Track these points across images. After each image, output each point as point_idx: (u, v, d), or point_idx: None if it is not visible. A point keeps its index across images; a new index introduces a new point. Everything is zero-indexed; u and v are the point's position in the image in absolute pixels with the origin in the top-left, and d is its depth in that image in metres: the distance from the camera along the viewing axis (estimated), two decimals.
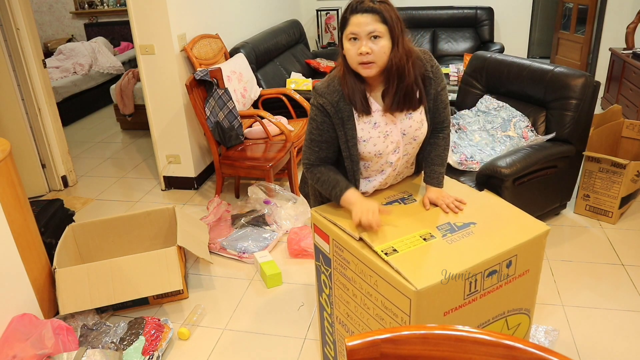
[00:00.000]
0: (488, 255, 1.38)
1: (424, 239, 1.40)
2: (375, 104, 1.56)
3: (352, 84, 1.50)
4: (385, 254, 1.32)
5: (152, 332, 2.19)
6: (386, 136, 1.56)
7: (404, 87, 1.50)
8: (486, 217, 1.54)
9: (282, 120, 3.61)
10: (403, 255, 1.34)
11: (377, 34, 1.41)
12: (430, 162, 1.70)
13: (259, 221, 3.07)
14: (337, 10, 6.12)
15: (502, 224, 1.51)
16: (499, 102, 3.12)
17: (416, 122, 1.58)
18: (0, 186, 2.07)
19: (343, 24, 1.46)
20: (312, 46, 6.23)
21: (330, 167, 1.64)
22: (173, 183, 3.74)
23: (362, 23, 1.40)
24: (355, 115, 1.54)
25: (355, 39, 1.43)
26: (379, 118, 1.55)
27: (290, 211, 3.13)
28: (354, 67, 1.47)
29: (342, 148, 1.59)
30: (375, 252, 1.40)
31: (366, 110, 1.53)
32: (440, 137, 1.70)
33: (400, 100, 1.52)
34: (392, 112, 1.54)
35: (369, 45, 1.42)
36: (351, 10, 1.43)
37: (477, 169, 2.73)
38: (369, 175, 1.70)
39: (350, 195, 1.57)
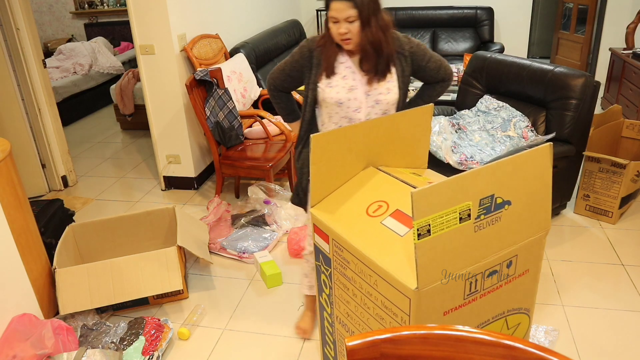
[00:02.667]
0: (490, 256, 1.38)
1: (461, 218, 1.32)
2: (349, 62, 1.82)
3: (331, 51, 1.81)
4: (419, 234, 1.26)
5: (152, 332, 2.19)
6: (350, 89, 1.79)
7: (384, 57, 1.77)
8: (522, 197, 1.43)
9: (282, 120, 3.61)
10: (432, 240, 1.27)
11: (351, 18, 1.69)
12: (419, 95, 1.97)
13: (259, 221, 3.07)
14: None
15: (529, 213, 1.44)
16: (499, 102, 3.12)
17: (381, 87, 1.80)
18: (0, 186, 2.07)
19: (326, 7, 1.75)
20: None
21: (289, 96, 2.03)
22: (173, 183, 3.74)
23: (339, 9, 1.68)
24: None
25: (335, 21, 1.71)
26: (349, 74, 1.80)
27: (290, 211, 3.13)
28: (337, 41, 1.77)
29: (306, 90, 1.87)
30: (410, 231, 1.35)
31: (329, 71, 1.81)
32: (439, 85, 1.96)
33: (383, 68, 1.78)
34: (369, 77, 1.79)
35: (345, 26, 1.70)
36: None
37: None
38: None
39: (297, 123, 2.06)
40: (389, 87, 1.81)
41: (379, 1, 1.74)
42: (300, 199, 2.04)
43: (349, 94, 1.80)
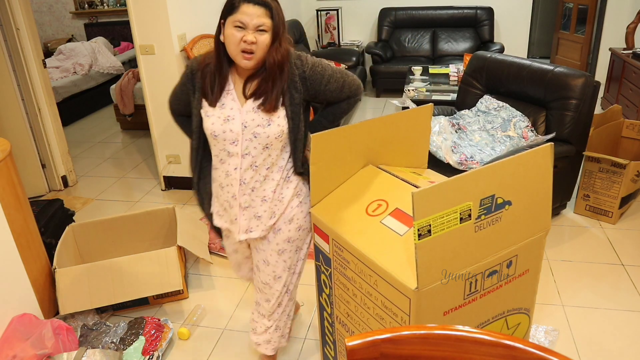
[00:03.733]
0: (490, 256, 1.38)
1: (461, 218, 1.32)
2: (232, 87, 1.57)
3: (215, 72, 1.55)
4: (420, 235, 1.26)
5: (152, 332, 2.19)
6: (226, 120, 1.54)
7: (281, 85, 1.52)
8: (523, 197, 1.43)
9: None
10: (433, 240, 1.28)
11: (264, 27, 1.44)
12: (322, 115, 1.73)
13: None
14: (337, 10, 6.12)
15: (530, 213, 1.45)
16: (499, 102, 3.12)
17: (261, 119, 1.54)
18: (0, 186, 2.07)
19: (230, 9, 1.46)
20: (312, 46, 6.23)
21: (190, 119, 1.71)
22: (173, 183, 3.74)
23: (253, 14, 1.42)
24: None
25: (241, 27, 1.44)
26: (228, 102, 1.56)
27: None
28: (233, 54, 1.48)
29: (192, 115, 1.64)
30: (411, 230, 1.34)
31: (212, 101, 1.55)
32: (344, 103, 1.72)
33: (273, 98, 1.52)
34: (251, 106, 1.54)
35: (254, 35, 1.44)
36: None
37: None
38: (215, 164, 1.66)
39: None
40: (271, 119, 1.54)
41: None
42: (215, 227, 1.81)
43: (224, 125, 1.54)
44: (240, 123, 1.54)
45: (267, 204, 1.65)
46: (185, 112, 1.74)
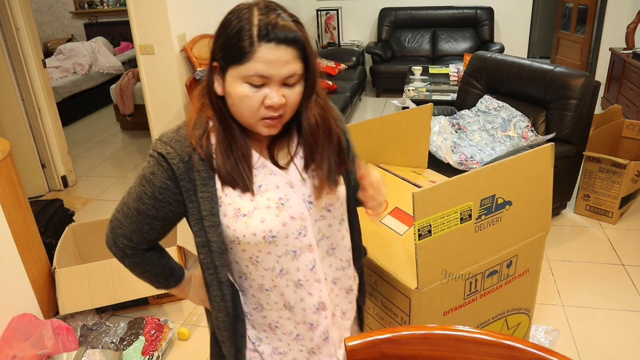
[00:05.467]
0: (490, 256, 1.38)
1: (462, 219, 1.31)
2: (262, 160, 1.00)
3: (236, 141, 0.96)
4: (420, 235, 1.25)
5: (152, 332, 2.19)
6: (280, 207, 0.98)
7: (336, 147, 1.03)
8: (523, 197, 1.43)
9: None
10: (433, 240, 1.28)
11: (293, 79, 0.91)
12: None
13: None
14: (337, 10, 6.12)
15: (530, 213, 1.46)
16: (499, 102, 3.12)
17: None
18: (0, 186, 2.07)
19: (237, 54, 0.89)
20: (312, 46, 6.22)
21: (160, 252, 1.15)
22: None
23: (279, 61, 0.88)
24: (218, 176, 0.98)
25: (259, 84, 0.89)
26: (263, 177, 0.99)
27: None
28: (248, 122, 0.94)
29: (195, 230, 1.03)
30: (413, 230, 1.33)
31: (247, 187, 0.97)
32: None
33: (335, 166, 1.02)
34: (291, 166, 1.02)
35: (282, 93, 0.91)
36: (260, 35, 0.87)
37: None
38: (267, 284, 1.05)
39: (187, 281, 1.24)
40: (337, 179, 1.05)
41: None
42: None
43: (281, 215, 0.98)
44: (301, 200, 1.00)
45: (352, 294, 1.17)
46: (158, 238, 1.09)
